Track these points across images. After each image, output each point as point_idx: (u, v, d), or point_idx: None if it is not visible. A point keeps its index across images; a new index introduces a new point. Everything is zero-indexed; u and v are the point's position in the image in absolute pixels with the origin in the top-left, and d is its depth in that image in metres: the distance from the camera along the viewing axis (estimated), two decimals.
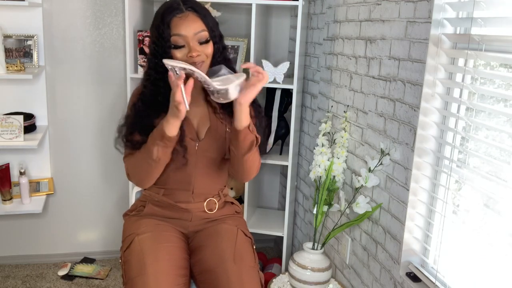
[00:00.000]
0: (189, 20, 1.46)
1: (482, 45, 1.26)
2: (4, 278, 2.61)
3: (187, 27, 1.45)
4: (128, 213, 1.70)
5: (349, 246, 1.99)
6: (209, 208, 1.63)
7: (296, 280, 1.96)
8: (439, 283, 1.43)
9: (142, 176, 1.53)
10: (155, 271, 1.41)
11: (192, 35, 1.45)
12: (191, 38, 1.45)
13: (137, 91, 1.58)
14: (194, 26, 1.46)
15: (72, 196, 2.76)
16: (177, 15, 1.46)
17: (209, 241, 1.57)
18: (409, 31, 1.55)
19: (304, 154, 2.56)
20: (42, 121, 2.58)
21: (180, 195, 1.60)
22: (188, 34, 1.45)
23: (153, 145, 1.43)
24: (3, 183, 2.43)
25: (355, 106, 1.94)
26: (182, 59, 1.46)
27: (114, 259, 2.85)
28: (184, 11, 1.47)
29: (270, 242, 3.09)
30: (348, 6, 2.01)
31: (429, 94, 1.47)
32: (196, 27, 1.46)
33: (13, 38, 2.45)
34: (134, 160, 1.50)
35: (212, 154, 1.59)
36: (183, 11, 1.47)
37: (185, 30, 1.45)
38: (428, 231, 1.55)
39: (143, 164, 1.48)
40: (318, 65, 2.37)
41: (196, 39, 1.46)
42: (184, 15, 1.46)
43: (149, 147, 1.44)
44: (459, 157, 1.44)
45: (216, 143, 1.57)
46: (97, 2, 2.54)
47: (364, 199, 1.78)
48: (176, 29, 1.45)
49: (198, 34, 1.46)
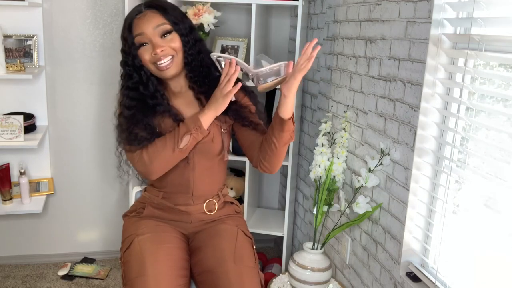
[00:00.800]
0: (147, 17, 1.47)
1: (482, 45, 1.26)
2: (4, 278, 2.61)
3: (145, 23, 1.46)
4: (127, 214, 1.70)
5: (349, 246, 1.99)
6: (209, 209, 1.63)
7: (296, 280, 1.96)
8: (439, 283, 1.43)
9: (160, 164, 1.49)
10: (155, 272, 1.41)
11: (152, 30, 1.45)
12: (152, 34, 1.45)
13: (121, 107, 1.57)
14: (152, 21, 1.46)
15: (72, 196, 2.76)
16: (136, 16, 1.48)
17: (209, 242, 1.56)
18: (409, 31, 1.55)
19: (304, 154, 2.56)
20: (42, 121, 2.58)
21: (179, 198, 1.59)
22: (147, 30, 1.45)
23: (185, 134, 1.45)
24: (3, 183, 2.43)
25: (355, 106, 1.94)
26: (149, 59, 1.47)
27: (114, 259, 2.85)
28: (142, 11, 1.49)
29: (270, 242, 3.09)
30: (348, 6, 2.01)
31: (429, 94, 1.47)
32: (154, 22, 1.46)
33: (13, 38, 2.45)
34: (154, 148, 1.47)
35: (208, 155, 1.58)
36: (142, 11, 1.48)
37: (144, 27, 1.45)
38: (428, 231, 1.55)
39: (166, 152, 1.46)
40: (318, 65, 2.37)
41: (157, 34, 1.46)
42: (142, 14, 1.48)
43: (178, 136, 1.45)
44: (459, 157, 1.44)
45: (213, 144, 1.57)
46: (97, 2, 2.54)
47: (364, 199, 1.78)
48: (137, 29, 1.46)
49: (158, 28, 1.46)
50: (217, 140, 1.57)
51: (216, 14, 2.31)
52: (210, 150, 1.57)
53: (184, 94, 1.58)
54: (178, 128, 1.48)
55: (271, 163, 1.54)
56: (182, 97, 1.58)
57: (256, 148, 1.55)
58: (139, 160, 1.49)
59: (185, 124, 1.47)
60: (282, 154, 1.53)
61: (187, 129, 1.46)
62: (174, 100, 1.57)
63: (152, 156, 1.47)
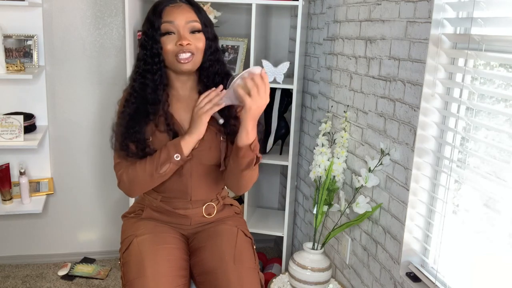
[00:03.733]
0: (182, 9, 1.45)
1: (482, 45, 1.26)
2: (4, 278, 2.61)
3: (178, 14, 1.44)
4: (126, 215, 1.69)
5: (349, 246, 1.99)
6: (208, 212, 1.62)
7: (296, 280, 1.96)
8: (439, 283, 1.43)
9: (140, 187, 1.49)
10: (155, 273, 1.41)
11: (184, 23, 1.43)
12: (182, 26, 1.43)
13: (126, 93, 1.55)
14: (187, 15, 1.44)
15: (72, 196, 2.76)
16: (170, 5, 1.46)
17: (209, 242, 1.56)
18: (409, 31, 1.55)
19: (304, 154, 2.56)
20: (42, 121, 2.58)
21: (178, 202, 1.58)
22: (179, 21, 1.43)
23: (166, 161, 1.42)
24: (3, 183, 2.43)
25: (355, 106, 1.94)
26: (172, 49, 1.43)
27: (114, 259, 2.85)
28: (178, 2, 1.47)
29: (270, 242, 3.09)
30: (348, 6, 2.01)
31: (429, 94, 1.47)
32: (188, 16, 1.44)
33: (13, 38, 2.45)
34: (134, 173, 1.46)
35: (206, 163, 1.55)
36: (177, 2, 1.47)
37: (177, 17, 1.43)
38: (428, 231, 1.55)
39: (145, 177, 1.45)
40: (318, 65, 2.37)
41: (187, 28, 1.44)
42: (177, 4, 1.46)
43: (158, 162, 1.43)
44: (459, 157, 1.44)
45: (210, 153, 1.53)
46: (97, 2, 2.54)
47: (364, 199, 1.78)
48: (168, 17, 1.44)
49: (190, 24, 1.44)
50: (215, 149, 1.53)
51: (216, 14, 2.31)
52: (207, 158, 1.54)
53: (187, 99, 1.54)
54: (159, 153, 1.44)
55: (229, 184, 1.56)
56: (184, 101, 1.54)
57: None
58: (120, 176, 1.49)
59: (166, 149, 1.43)
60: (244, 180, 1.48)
61: (167, 156, 1.42)
62: (176, 102, 1.53)
63: (131, 180, 1.47)
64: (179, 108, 1.53)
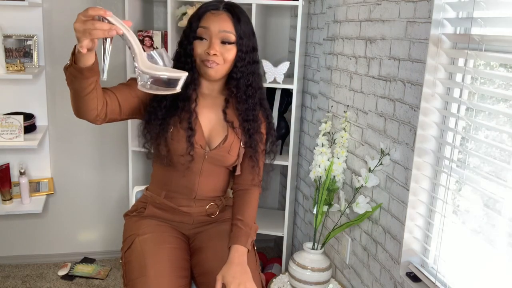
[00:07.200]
0: (220, 17, 1.46)
1: (482, 45, 1.26)
2: (4, 278, 2.61)
3: (214, 22, 1.45)
4: (128, 214, 1.69)
5: (349, 246, 1.99)
6: (210, 212, 1.63)
7: (296, 280, 1.96)
8: (439, 283, 1.43)
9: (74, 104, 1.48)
10: (156, 273, 1.41)
11: (217, 31, 1.45)
12: (215, 34, 1.45)
13: None
14: (222, 24, 1.45)
15: (72, 196, 2.76)
16: (212, 11, 1.48)
17: (210, 243, 1.56)
18: (409, 31, 1.55)
19: (304, 154, 2.56)
20: (42, 121, 2.58)
21: (182, 199, 1.59)
22: (213, 29, 1.45)
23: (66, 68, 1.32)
24: (3, 183, 2.43)
25: (355, 106, 1.94)
26: (200, 54, 1.46)
27: (114, 259, 2.85)
28: (219, 9, 1.48)
29: (270, 242, 3.09)
30: (348, 6, 2.01)
31: (429, 94, 1.47)
32: (223, 26, 1.45)
33: (13, 38, 2.45)
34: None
35: (220, 164, 1.58)
36: (219, 9, 1.48)
37: (212, 24, 1.45)
38: (428, 231, 1.55)
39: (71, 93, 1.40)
40: (318, 65, 2.37)
41: (219, 37, 1.45)
42: (218, 12, 1.48)
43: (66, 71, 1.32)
44: (459, 157, 1.44)
45: (228, 156, 1.56)
46: (97, 2, 2.54)
47: (364, 199, 1.78)
48: (204, 22, 1.46)
49: (223, 33, 1.45)
50: (234, 153, 1.56)
51: None
52: (222, 160, 1.56)
53: (214, 98, 1.57)
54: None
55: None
56: (211, 99, 1.57)
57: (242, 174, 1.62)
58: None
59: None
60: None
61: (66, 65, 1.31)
62: (202, 99, 1.56)
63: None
64: (205, 104, 1.56)
